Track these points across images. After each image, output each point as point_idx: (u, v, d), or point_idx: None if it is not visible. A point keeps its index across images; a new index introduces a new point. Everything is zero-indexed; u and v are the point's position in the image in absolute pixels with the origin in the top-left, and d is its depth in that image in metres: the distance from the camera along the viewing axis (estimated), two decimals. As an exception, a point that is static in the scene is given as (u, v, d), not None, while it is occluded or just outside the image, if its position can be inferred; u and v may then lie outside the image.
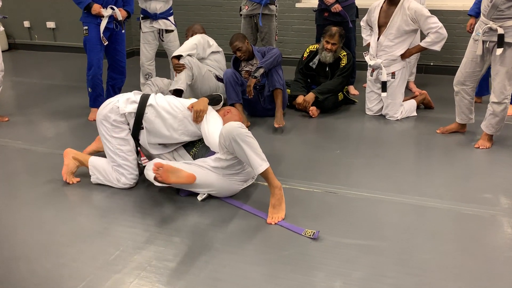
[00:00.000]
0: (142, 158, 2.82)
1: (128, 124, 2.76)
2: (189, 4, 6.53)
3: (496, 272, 2.05)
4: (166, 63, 4.98)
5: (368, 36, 4.20)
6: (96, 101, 4.12)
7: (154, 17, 4.54)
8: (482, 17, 3.23)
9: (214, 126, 2.73)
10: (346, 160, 3.28)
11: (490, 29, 3.16)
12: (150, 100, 2.75)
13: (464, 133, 3.72)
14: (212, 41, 4.28)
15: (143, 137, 2.77)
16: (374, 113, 4.22)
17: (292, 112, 4.32)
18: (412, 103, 4.19)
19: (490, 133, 3.43)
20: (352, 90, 4.88)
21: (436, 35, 3.75)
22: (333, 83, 4.18)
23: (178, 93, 3.82)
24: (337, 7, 4.51)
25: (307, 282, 1.99)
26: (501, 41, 3.11)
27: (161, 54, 4.99)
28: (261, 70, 3.84)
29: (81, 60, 6.82)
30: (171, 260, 2.14)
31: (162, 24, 4.61)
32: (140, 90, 4.72)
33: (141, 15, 4.60)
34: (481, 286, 1.96)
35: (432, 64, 5.75)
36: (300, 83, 4.35)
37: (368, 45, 4.20)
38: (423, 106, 4.39)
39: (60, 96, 4.95)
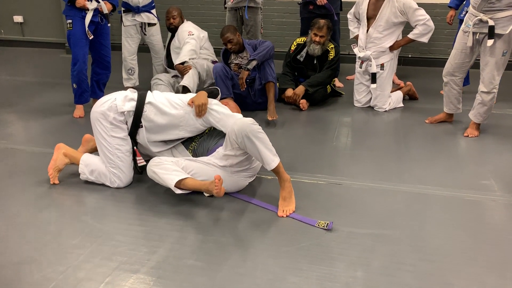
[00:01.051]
0: (138, 158, 2.74)
1: (126, 123, 2.67)
2: (165, -3, 6.40)
3: (508, 254, 2.13)
4: (148, 58, 4.87)
5: (356, 29, 4.24)
6: (81, 97, 3.99)
7: (136, 10, 4.45)
8: (471, 9, 3.32)
9: (223, 112, 2.70)
10: (343, 152, 3.31)
11: (481, 21, 3.25)
12: (149, 98, 2.67)
13: (451, 123, 3.83)
14: (201, 33, 4.38)
15: (142, 135, 2.69)
16: (362, 104, 4.28)
17: (281, 105, 4.32)
18: (399, 94, 4.27)
19: (478, 122, 3.55)
20: (337, 82, 4.93)
21: (423, 27, 3.84)
22: (322, 76, 4.20)
23: (186, 90, 3.97)
24: (322, 0, 4.53)
25: (329, 272, 1.99)
26: (491, 33, 3.21)
27: (142, 48, 4.88)
28: (254, 63, 3.83)
29: (53, 55, 6.62)
30: (189, 257, 2.10)
31: (144, 17, 4.53)
32: (123, 85, 4.66)
33: (123, 8, 4.48)
34: (496, 269, 2.02)
35: (410, 56, 5.88)
36: (288, 76, 4.35)
37: (356, 37, 4.25)
38: (408, 97, 4.48)
39: (37, 93, 4.75)
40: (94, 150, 3.04)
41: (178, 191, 2.47)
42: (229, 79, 4.02)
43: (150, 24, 4.58)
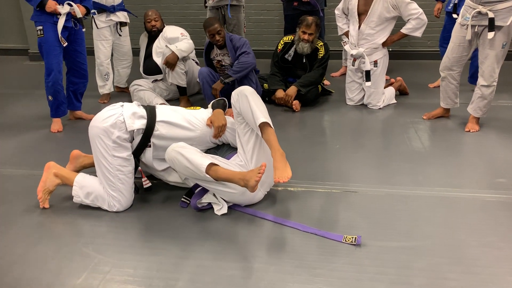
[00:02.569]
0: (143, 180, 2.49)
1: (132, 141, 2.41)
2: (135, -4, 6.08)
3: (547, 260, 2.03)
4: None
5: (345, 25, 4.10)
6: (58, 110, 3.66)
7: (112, 9, 4.19)
8: (469, 2, 3.23)
9: None
10: (349, 155, 3.16)
11: (479, 13, 3.17)
12: (160, 115, 2.43)
13: (449, 117, 3.76)
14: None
15: (148, 154, 2.44)
16: (355, 103, 4.15)
17: (272, 107, 4.13)
18: (391, 90, 4.17)
19: (478, 116, 3.48)
20: (325, 80, 4.78)
21: (417, 21, 3.75)
22: (313, 75, 4.04)
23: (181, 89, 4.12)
24: (308, -4, 4.38)
25: (372, 296, 1.83)
26: (492, 25, 3.13)
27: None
28: (231, 79, 3.80)
29: (15, 63, 6.17)
30: (214, 289, 1.89)
31: (121, 16, 4.34)
32: (99, 93, 4.37)
33: (94, 10, 4.16)
34: (541, 277, 1.92)
35: (390, 49, 5.79)
36: (277, 77, 4.17)
37: (346, 34, 4.11)
38: (399, 93, 4.39)
39: (3, 106, 4.36)
40: (83, 168, 2.78)
41: (208, 177, 2.24)
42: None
43: (122, 24, 4.38)
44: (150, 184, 2.49)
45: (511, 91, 4.24)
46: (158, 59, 4.19)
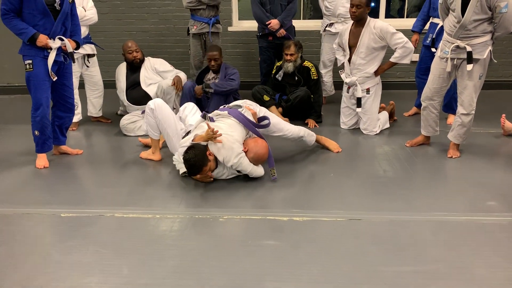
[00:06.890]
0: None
1: None
2: (109, 30, 6.07)
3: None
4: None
5: (342, 56, 4.39)
6: (44, 145, 3.56)
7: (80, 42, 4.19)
8: (447, 37, 3.47)
9: None
10: (345, 183, 3.24)
11: (458, 47, 3.40)
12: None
13: (429, 145, 3.95)
14: None
15: None
16: (348, 127, 4.40)
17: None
18: (386, 115, 4.41)
19: (458, 142, 3.68)
20: (311, 123, 4.60)
21: (403, 50, 3.99)
22: (318, 100, 4.63)
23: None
24: (282, 32, 4.82)
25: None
26: (470, 58, 3.36)
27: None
28: (211, 90, 4.39)
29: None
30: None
31: (88, 48, 4.44)
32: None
33: None
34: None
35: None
36: (266, 90, 4.69)
37: (343, 64, 4.35)
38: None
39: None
40: None
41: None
42: (194, 98, 4.47)
43: (89, 55, 4.48)
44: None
45: (485, 119, 4.50)
46: (148, 88, 4.41)
